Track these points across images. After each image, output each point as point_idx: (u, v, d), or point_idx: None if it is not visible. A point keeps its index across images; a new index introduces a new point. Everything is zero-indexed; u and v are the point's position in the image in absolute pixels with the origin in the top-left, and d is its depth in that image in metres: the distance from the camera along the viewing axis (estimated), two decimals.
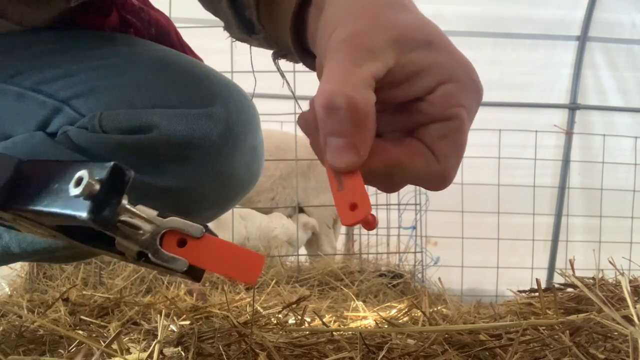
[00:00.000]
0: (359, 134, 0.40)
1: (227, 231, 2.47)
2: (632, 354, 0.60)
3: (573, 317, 0.73)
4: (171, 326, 0.94)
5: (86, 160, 0.41)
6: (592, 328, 0.76)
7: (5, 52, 0.73)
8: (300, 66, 0.57)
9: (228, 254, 0.44)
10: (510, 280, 2.99)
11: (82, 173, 0.39)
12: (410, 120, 0.43)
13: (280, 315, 1.05)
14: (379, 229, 3.22)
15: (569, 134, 3.63)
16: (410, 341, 0.80)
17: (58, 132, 0.67)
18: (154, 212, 0.43)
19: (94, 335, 0.99)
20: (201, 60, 0.81)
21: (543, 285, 1.42)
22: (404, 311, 1.13)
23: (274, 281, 1.85)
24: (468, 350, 0.73)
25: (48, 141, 0.67)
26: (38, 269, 2.08)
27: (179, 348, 0.79)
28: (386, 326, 0.94)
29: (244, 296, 1.44)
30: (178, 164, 0.67)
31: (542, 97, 3.66)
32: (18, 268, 2.12)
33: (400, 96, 0.42)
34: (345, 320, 1.24)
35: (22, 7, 0.72)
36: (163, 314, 0.86)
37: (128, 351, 0.72)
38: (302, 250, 3.31)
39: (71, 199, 0.39)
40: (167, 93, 0.67)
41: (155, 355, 0.64)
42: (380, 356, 0.70)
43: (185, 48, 0.87)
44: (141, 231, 0.43)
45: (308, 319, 1.01)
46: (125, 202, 0.40)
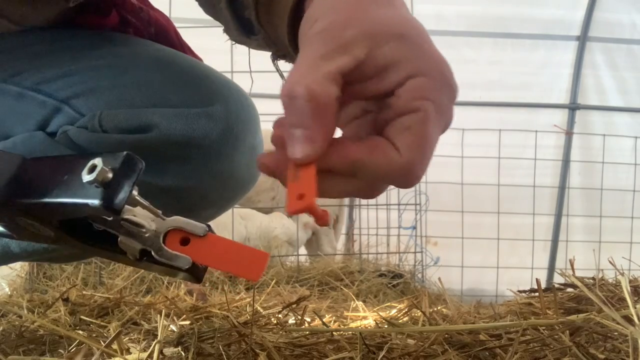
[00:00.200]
0: (316, 126, 0.40)
1: (227, 231, 2.48)
2: (632, 354, 0.60)
3: (573, 317, 0.72)
4: (171, 326, 0.94)
5: (96, 153, 0.41)
6: (592, 328, 0.76)
7: (5, 52, 0.73)
8: None
9: (231, 252, 0.44)
10: (510, 280, 2.99)
11: (96, 161, 0.39)
12: (380, 118, 0.43)
13: (280, 315, 1.05)
14: (379, 229, 3.22)
15: (569, 134, 3.63)
16: (410, 341, 0.80)
17: (58, 132, 0.67)
18: (159, 211, 0.44)
19: (94, 335, 0.99)
20: (201, 60, 0.81)
21: (543, 285, 1.42)
22: (404, 311, 1.13)
23: (274, 281, 1.85)
24: (468, 350, 0.73)
25: (48, 141, 0.67)
26: (38, 269, 2.08)
27: (179, 348, 0.79)
28: (386, 326, 0.94)
29: (244, 296, 1.44)
30: (178, 164, 0.67)
31: (542, 97, 3.65)
32: (18, 268, 2.12)
33: (371, 90, 0.43)
34: (345, 320, 1.24)
35: (22, 7, 0.72)
36: (163, 314, 0.86)
37: (128, 351, 0.72)
38: (302, 250, 3.31)
39: (82, 188, 0.39)
40: (167, 92, 0.67)
41: (155, 355, 0.64)
42: (380, 356, 0.70)
43: (185, 48, 0.87)
44: (144, 229, 0.43)
45: (308, 319, 1.01)
46: (135, 193, 0.41)
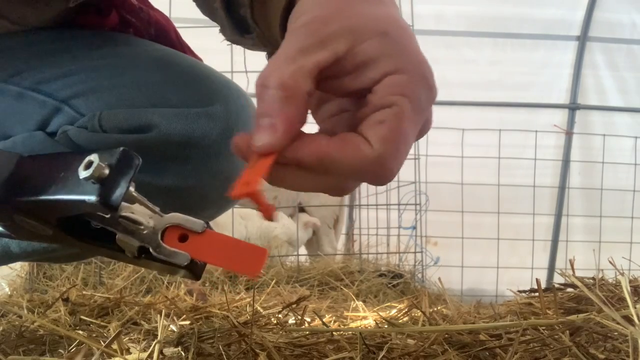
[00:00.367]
0: (282, 117, 0.40)
1: (227, 231, 2.48)
2: (632, 354, 0.60)
3: (573, 317, 0.72)
4: (171, 326, 0.94)
5: (92, 150, 0.41)
6: (592, 328, 0.76)
7: (5, 52, 0.73)
8: None
9: (230, 248, 0.44)
10: (510, 280, 2.99)
11: (93, 157, 0.39)
12: (357, 116, 0.43)
13: (280, 315, 1.05)
14: (379, 229, 3.22)
15: (569, 134, 3.63)
16: (410, 341, 0.80)
17: (58, 132, 0.67)
18: (156, 208, 0.44)
19: (94, 335, 0.99)
20: (201, 60, 0.81)
21: (543, 285, 1.42)
22: (404, 311, 1.13)
23: (274, 281, 1.85)
24: (468, 350, 0.73)
25: (48, 141, 0.67)
26: (38, 269, 2.08)
27: (179, 348, 0.79)
28: (386, 326, 0.94)
29: (244, 296, 1.44)
30: (178, 164, 0.67)
31: (542, 97, 3.65)
32: (18, 268, 2.12)
33: (349, 86, 0.42)
34: (345, 320, 1.24)
35: (22, 7, 0.72)
36: (163, 314, 0.86)
37: (128, 351, 0.72)
38: (302, 250, 3.31)
39: (79, 185, 0.39)
40: (167, 92, 0.67)
41: (155, 355, 0.64)
42: (380, 356, 0.70)
43: (184, 48, 0.87)
44: (142, 226, 0.43)
45: (308, 319, 1.01)
46: (132, 189, 0.40)
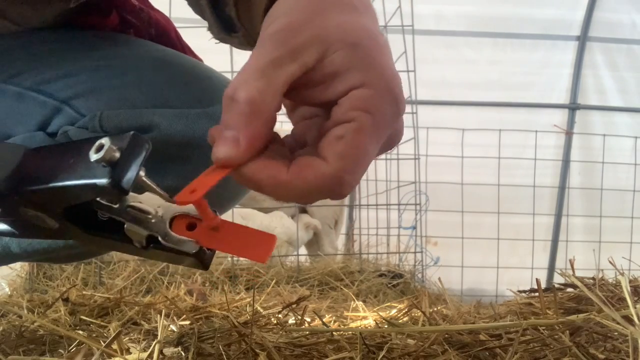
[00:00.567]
0: (247, 132, 0.40)
1: None
2: (632, 354, 0.60)
3: (573, 317, 0.72)
4: (171, 326, 0.95)
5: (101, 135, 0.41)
6: (592, 328, 0.76)
7: (5, 52, 0.73)
8: None
9: (238, 235, 0.44)
10: (510, 280, 2.99)
11: (104, 140, 0.39)
12: (322, 126, 0.42)
13: (280, 315, 1.05)
14: (379, 229, 3.22)
15: (569, 134, 3.63)
16: (410, 341, 0.80)
17: (58, 132, 0.67)
18: (165, 194, 0.44)
19: (94, 335, 0.99)
20: (201, 60, 0.81)
21: (543, 285, 1.42)
22: (404, 311, 1.13)
23: (274, 281, 1.85)
24: (468, 350, 0.73)
25: (48, 141, 0.67)
26: (38, 269, 2.08)
27: (179, 348, 0.79)
28: (386, 326, 0.94)
29: (244, 296, 1.44)
30: (178, 164, 0.67)
31: (542, 97, 3.65)
32: (18, 268, 2.12)
33: (317, 97, 0.42)
34: (345, 320, 1.24)
35: (22, 7, 0.72)
36: (163, 314, 0.86)
37: (128, 351, 0.72)
38: (302, 250, 3.31)
39: (90, 169, 0.39)
40: (167, 93, 0.67)
41: (155, 355, 0.64)
42: (380, 356, 0.70)
43: (185, 48, 0.87)
44: (150, 216, 0.43)
45: (308, 319, 1.01)
46: (142, 174, 0.41)
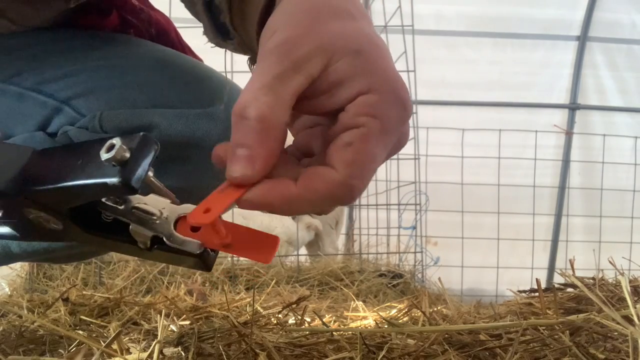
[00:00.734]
0: (261, 149, 0.39)
1: None
2: (632, 354, 0.60)
3: (573, 317, 0.73)
4: (171, 326, 0.95)
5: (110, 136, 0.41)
6: (592, 328, 0.76)
7: (5, 52, 0.73)
8: None
9: (242, 236, 0.45)
10: (510, 280, 2.99)
11: (115, 140, 0.40)
12: (328, 133, 0.42)
13: (280, 315, 1.05)
14: (379, 229, 3.22)
15: (569, 134, 3.63)
16: (410, 341, 0.80)
17: (58, 132, 0.67)
18: (172, 194, 0.44)
19: (94, 335, 0.99)
20: (201, 60, 0.81)
21: (543, 285, 1.42)
22: (404, 311, 1.13)
23: (274, 281, 1.85)
24: (468, 350, 0.73)
25: (48, 141, 0.67)
26: (38, 269, 2.08)
27: (179, 348, 0.79)
28: (386, 326, 0.94)
29: (244, 296, 1.44)
30: (178, 164, 0.67)
31: (542, 97, 3.66)
32: (18, 268, 2.12)
33: (323, 106, 0.42)
34: (345, 320, 1.24)
35: (22, 7, 0.72)
36: (163, 314, 0.86)
37: (128, 351, 0.72)
38: (303, 250, 3.31)
39: (99, 168, 0.40)
40: (168, 93, 0.67)
41: (155, 355, 0.64)
42: (380, 356, 0.70)
43: (185, 48, 0.87)
44: (155, 217, 0.44)
45: (308, 319, 1.01)
46: (151, 174, 0.41)
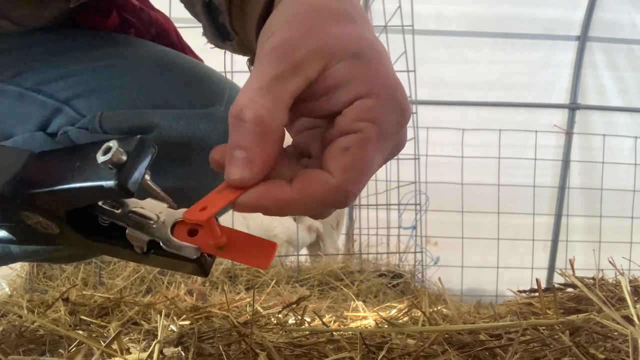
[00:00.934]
0: (259, 151, 0.39)
1: None
2: (632, 354, 0.60)
3: (573, 317, 0.73)
4: (171, 326, 0.94)
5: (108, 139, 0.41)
6: (592, 328, 0.76)
7: (5, 52, 0.73)
8: None
9: (240, 242, 0.45)
10: (510, 280, 2.99)
11: (111, 143, 0.40)
12: (326, 136, 0.42)
13: (280, 315, 1.05)
14: (379, 229, 3.22)
15: (569, 134, 3.63)
16: (410, 341, 0.80)
17: (58, 133, 0.67)
18: (169, 198, 0.44)
19: (94, 335, 0.99)
20: (201, 60, 0.81)
21: (543, 285, 1.42)
22: (404, 311, 1.13)
23: (274, 281, 1.85)
24: (468, 350, 0.73)
25: (48, 141, 0.67)
26: (38, 269, 2.08)
27: (179, 348, 0.79)
28: (386, 326, 0.94)
29: (244, 296, 1.44)
30: (178, 164, 0.67)
31: (542, 97, 3.66)
32: (18, 268, 2.12)
33: (320, 109, 0.42)
34: (345, 320, 1.24)
35: (22, 7, 0.72)
36: (163, 314, 0.86)
37: (128, 351, 0.72)
38: (303, 249, 3.31)
39: (96, 171, 0.40)
40: (168, 93, 0.67)
41: (155, 355, 0.64)
42: (380, 356, 0.70)
43: (185, 48, 0.87)
44: (152, 221, 0.44)
45: (308, 319, 1.01)
46: (147, 178, 0.41)
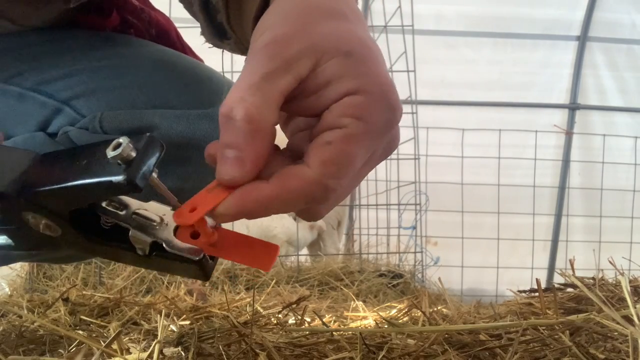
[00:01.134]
0: (249, 150, 0.39)
1: None
2: (632, 354, 0.60)
3: (573, 317, 0.73)
4: (171, 326, 0.94)
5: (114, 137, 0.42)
6: (592, 328, 0.76)
7: (6, 53, 0.73)
8: None
9: (242, 244, 0.45)
10: (510, 280, 2.99)
11: (121, 139, 0.40)
12: (313, 133, 0.41)
13: (280, 315, 1.05)
14: (379, 229, 3.22)
15: (569, 134, 3.63)
16: (410, 341, 0.80)
17: (58, 133, 0.67)
18: (174, 198, 0.44)
19: (94, 335, 0.99)
20: (201, 60, 0.81)
21: (543, 285, 1.42)
22: (404, 311, 1.13)
23: (274, 281, 1.85)
24: (468, 350, 0.73)
25: (48, 141, 0.67)
26: (38, 269, 2.08)
27: (179, 348, 0.79)
28: (386, 326, 0.94)
29: (244, 296, 1.44)
30: (178, 165, 0.67)
31: (542, 97, 3.66)
32: (18, 268, 2.12)
33: (310, 107, 0.41)
34: (345, 320, 1.24)
35: (23, 7, 0.72)
36: (163, 314, 0.87)
37: (128, 351, 0.72)
38: (303, 249, 3.31)
39: (104, 167, 0.40)
40: (168, 94, 0.67)
41: (155, 355, 0.64)
42: (380, 356, 0.70)
43: (185, 48, 0.87)
44: (155, 223, 0.44)
45: (308, 319, 1.01)
46: (155, 175, 0.41)
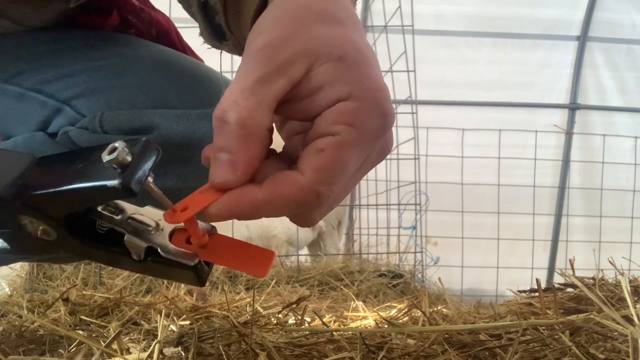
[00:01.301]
0: (242, 154, 0.39)
1: (228, 231, 2.47)
2: (632, 354, 0.60)
3: (573, 317, 0.73)
4: (171, 326, 0.94)
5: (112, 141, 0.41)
6: (592, 328, 0.76)
7: (6, 52, 0.73)
8: None
9: (238, 250, 0.45)
10: (510, 280, 2.99)
11: (117, 143, 0.40)
12: (306, 139, 0.41)
13: (280, 315, 1.05)
14: (379, 229, 3.22)
15: (569, 134, 3.63)
16: (410, 341, 0.80)
17: (59, 133, 0.67)
18: (170, 203, 0.44)
19: (94, 335, 0.99)
20: (201, 60, 0.81)
21: (543, 285, 1.42)
22: (404, 311, 1.13)
23: (274, 281, 1.85)
24: (468, 350, 0.73)
25: (49, 141, 0.67)
26: (38, 269, 2.08)
27: (179, 348, 0.79)
28: (386, 326, 0.94)
29: (244, 296, 1.44)
30: (179, 165, 0.67)
31: (542, 97, 3.66)
32: (18, 268, 2.12)
33: (303, 111, 0.41)
34: (345, 320, 1.24)
35: (23, 7, 0.72)
36: (163, 314, 0.87)
37: (128, 351, 0.72)
38: (302, 249, 3.31)
39: (100, 171, 0.40)
40: (168, 94, 0.67)
41: (155, 355, 0.64)
42: (380, 356, 0.70)
43: (185, 48, 0.87)
44: (150, 228, 0.44)
45: (308, 319, 1.01)
46: (150, 180, 0.41)
